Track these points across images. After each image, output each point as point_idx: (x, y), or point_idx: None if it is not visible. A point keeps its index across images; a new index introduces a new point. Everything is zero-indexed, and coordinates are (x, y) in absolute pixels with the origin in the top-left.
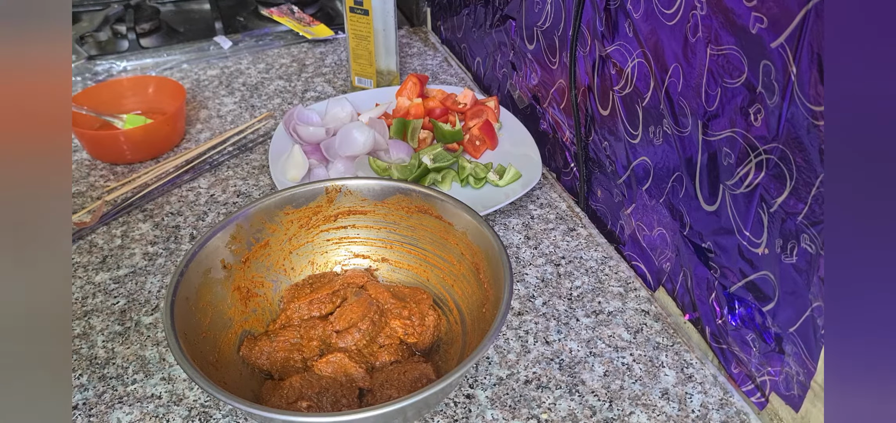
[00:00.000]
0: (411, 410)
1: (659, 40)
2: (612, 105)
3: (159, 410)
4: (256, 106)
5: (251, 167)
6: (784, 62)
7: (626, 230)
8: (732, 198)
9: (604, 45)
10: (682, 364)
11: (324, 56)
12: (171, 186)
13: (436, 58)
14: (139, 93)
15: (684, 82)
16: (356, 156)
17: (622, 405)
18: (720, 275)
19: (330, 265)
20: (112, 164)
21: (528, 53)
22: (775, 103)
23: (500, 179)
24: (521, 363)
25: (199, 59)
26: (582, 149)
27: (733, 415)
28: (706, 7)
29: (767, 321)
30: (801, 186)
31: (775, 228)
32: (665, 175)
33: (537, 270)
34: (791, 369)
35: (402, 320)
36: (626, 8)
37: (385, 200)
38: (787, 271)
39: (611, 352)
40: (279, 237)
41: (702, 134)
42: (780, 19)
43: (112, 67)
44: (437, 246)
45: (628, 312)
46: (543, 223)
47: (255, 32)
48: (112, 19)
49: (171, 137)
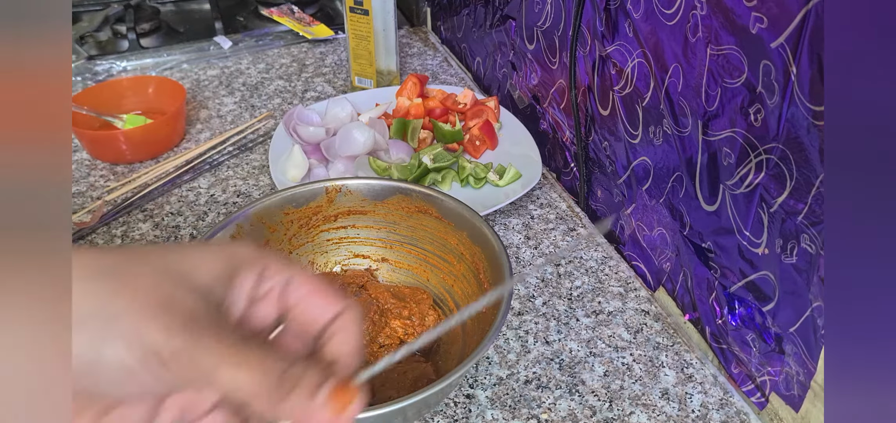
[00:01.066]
0: (411, 410)
1: (659, 40)
2: (612, 105)
3: None
4: (256, 106)
5: (251, 167)
6: (784, 62)
7: (626, 230)
8: (732, 198)
9: (604, 45)
10: (682, 364)
11: (324, 56)
12: (171, 186)
13: (436, 58)
14: (139, 93)
15: (684, 82)
16: (356, 156)
17: (622, 405)
18: (720, 275)
19: (330, 265)
20: (112, 164)
21: (528, 53)
22: (775, 103)
23: (500, 179)
24: (521, 363)
25: (199, 59)
26: (582, 149)
27: (733, 415)
28: (706, 7)
29: (767, 321)
30: (801, 186)
31: (775, 228)
32: (665, 175)
33: (537, 269)
34: (791, 369)
35: (402, 320)
36: (626, 8)
37: (385, 200)
38: (787, 271)
39: (611, 352)
40: (279, 237)
41: (702, 134)
42: (780, 19)
43: (112, 67)
44: (437, 246)
45: (628, 312)
46: (543, 223)
47: (255, 32)
48: (112, 19)
49: (171, 137)
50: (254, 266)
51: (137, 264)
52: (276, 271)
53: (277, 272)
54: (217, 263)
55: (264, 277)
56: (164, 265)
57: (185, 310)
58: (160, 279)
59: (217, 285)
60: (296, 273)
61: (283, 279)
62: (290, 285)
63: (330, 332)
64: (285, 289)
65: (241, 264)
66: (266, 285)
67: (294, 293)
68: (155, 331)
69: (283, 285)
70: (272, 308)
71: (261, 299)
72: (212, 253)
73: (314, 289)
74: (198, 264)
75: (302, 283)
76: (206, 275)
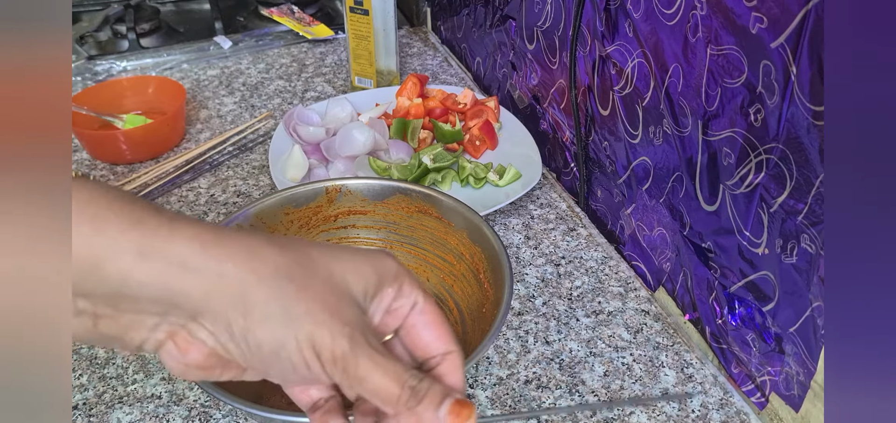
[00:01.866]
0: None
1: (659, 40)
2: (612, 105)
3: (159, 410)
4: (256, 106)
5: (251, 167)
6: (784, 62)
7: (626, 230)
8: (732, 198)
9: (604, 45)
10: (682, 364)
11: (324, 56)
12: (171, 186)
13: (436, 58)
14: (139, 93)
15: (684, 82)
16: (356, 156)
17: (622, 405)
18: (720, 275)
19: None
20: (112, 164)
21: (528, 53)
22: (775, 103)
23: (500, 179)
24: (521, 363)
25: (199, 59)
26: (582, 149)
27: (733, 415)
28: (706, 7)
29: (767, 321)
30: (801, 186)
31: (775, 228)
32: (665, 175)
33: (537, 270)
34: (791, 369)
35: None
36: (626, 8)
37: (385, 200)
38: (787, 271)
39: (611, 352)
40: None
41: (702, 134)
42: (780, 19)
43: (112, 67)
44: (437, 246)
45: (628, 312)
46: (543, 223)
47: (255, 32)
48: (112, 19)
49: (171, 137)
50: (394, 283)
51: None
52: (409, 290)
53: (411, 292)
54: (368, 274)
55: (399, 294)
56: (328, 273)
57: (346, 319)
58: (328, 289)
59: (367, 295)
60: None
61: (412, 301)
62: (415, 308)
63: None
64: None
65: (386, 279)
66: (399, 302)
67: (415, 317)
68: (325, 336)
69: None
70: (395, 323)
71: (390, 312)
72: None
73: (433, 321)
74: (353, 273)
75: (425, 310)
76: (360, 285)
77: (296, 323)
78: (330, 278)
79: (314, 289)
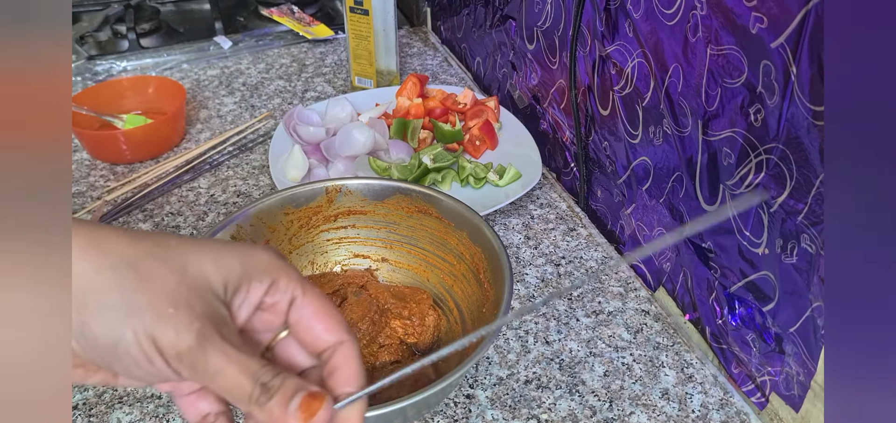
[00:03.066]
0: (411, 410)
1: (659, 40)
2: (612, 105)
3: (159, 410)
4: (256, 106)
5: (251, 167)
6: (784, 62)
7: (626, 230)
8: (733, 198)
9: (604, 45)
10: (683, 364)
11: (324, 56)
12: (171, 186)
13: (436, 58)
14: (139, 93)
15: (684, 82)
16: (356, 156)
17: (622, 405)
18: (720, 275)
19: (330, 265)
20: (112, 164)
21: (528, 53)
22: (775, 103)
23: (500, 179)
24: (521, 363)
25: (199, 59)
26: (582, 149)
27: (733, 415)
28: (706, 7)
29: (767, 321)
30: (801, 186)
31: (775, 228)
32: (665, 175)
33: (537, 270)
34: (791, 369)
35: (402, 320)
36: (626, 8)
37: (385, 200)
38: (787, 271)
39: (611, 352)
40: (279, 237)
41: (702, 134)
42: (780, 19)
43: (112, 67)
44: (437, 246)
45: (628, 312)
46: (543, 223)
47: (255, 32)
48: (112, 19)
49: (171, 137)
50: (265, 277)
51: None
52: (285, 286)
53: (286, 288)
54: (232, 266)
55: (273, 289)
56: (183, 264)
57: (196, 313)
58: (179, 280)
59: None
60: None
61: (290, 296)
62: (295, 302)
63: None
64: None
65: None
66: (274, 297)
67: (298, 312)
68: (168, 331)
69: (289, 301)
70: (276, 319)
71: (266, 308)
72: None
73: (318, 312)
74: (213, 264)
75: (308, 303)
76: (219, 277)
77: (136, 315)
78: (183, 268)
79: (161, 279)
